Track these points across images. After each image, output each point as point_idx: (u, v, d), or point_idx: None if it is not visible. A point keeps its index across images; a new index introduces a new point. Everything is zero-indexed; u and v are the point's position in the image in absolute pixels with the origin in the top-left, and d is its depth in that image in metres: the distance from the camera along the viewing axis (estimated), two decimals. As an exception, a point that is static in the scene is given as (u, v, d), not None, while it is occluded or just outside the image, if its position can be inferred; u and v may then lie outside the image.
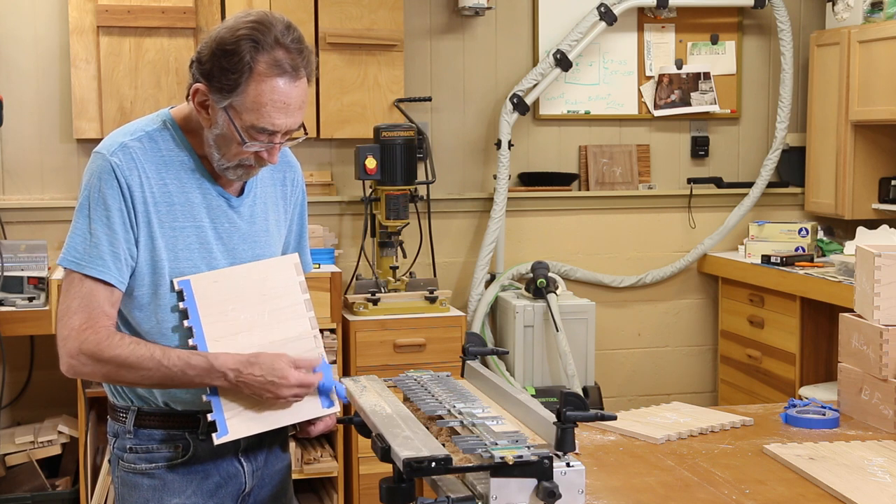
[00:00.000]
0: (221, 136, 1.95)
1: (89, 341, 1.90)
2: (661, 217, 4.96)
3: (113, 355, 1.90)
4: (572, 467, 1.69)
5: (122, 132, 2.00)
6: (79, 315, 1.91)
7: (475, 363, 2.28)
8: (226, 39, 1.89)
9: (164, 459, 2.02)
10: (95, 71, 4.19)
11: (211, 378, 1.92)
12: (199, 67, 1.93)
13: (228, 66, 1.88)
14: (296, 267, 2.11)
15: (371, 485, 3.95)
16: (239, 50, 1.88)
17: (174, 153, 1.99)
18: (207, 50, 1.91)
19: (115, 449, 2.05)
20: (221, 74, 1.89)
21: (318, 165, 4.55)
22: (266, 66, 1.88)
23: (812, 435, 2.32)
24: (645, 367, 5.01)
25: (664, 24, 4.92)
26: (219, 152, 1.97)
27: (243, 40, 1.88)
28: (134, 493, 2.03)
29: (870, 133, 4.57)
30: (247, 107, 1.90)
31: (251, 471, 2.10)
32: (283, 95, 1.90)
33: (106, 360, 1.91)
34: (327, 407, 2.05)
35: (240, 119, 1.91)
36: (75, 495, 3.85)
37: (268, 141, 1.94)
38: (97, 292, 1.92)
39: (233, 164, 1.97)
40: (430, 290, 4.16)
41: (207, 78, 1.91)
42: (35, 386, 4.27)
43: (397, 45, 4.44)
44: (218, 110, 1.92)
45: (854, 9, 4.59)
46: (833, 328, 4.03)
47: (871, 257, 2.41)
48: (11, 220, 4.21)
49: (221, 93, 1.90)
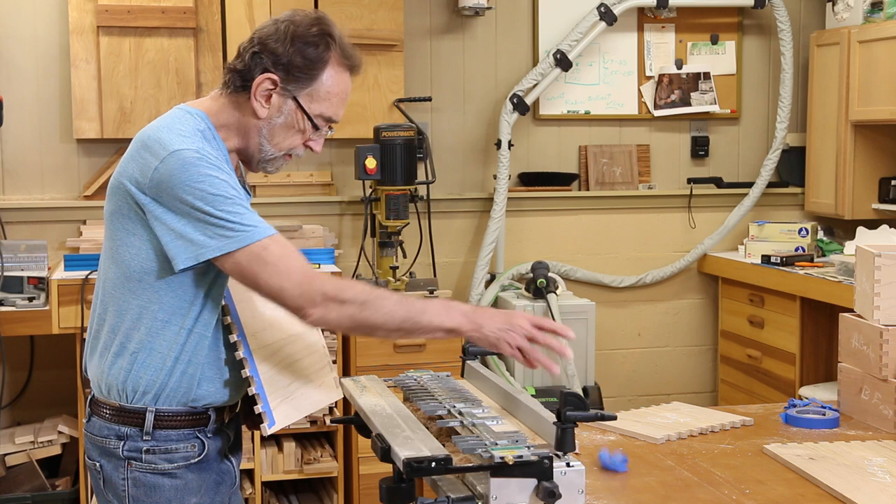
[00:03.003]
0: (283, 126, 2.02)
1: (326, 284, 1.89)
2: (661, 217, 4.96)
3: (353, 294, 1.89)
4: (572, 467, 1.69)
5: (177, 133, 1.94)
6: (301, 268, 1.89)
7: (475, 363, 2.28)
8: (306, 32, 1.99)
9: (184, 459, 2.02)
10: (95, 71, 4.19)
11: (449, 314, 1.91)
12: (271, 57, 1.98)
13: (312, 56, 1.98)
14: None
15: (371, 485, 3.95)
16: (322, 41, 1.99)
17: (220, 150, 2.00)
18: (284, 40, 1.98)
19: (123, 451, 2.01)
20: (302, 64, 1.98)
21: (318, 165, 4.56)
22: (340, 58, 2.02)
23: (812, 435, 2.32)
24: (645, 367, 5.01)
25: (664, 24, 4.92)
26: (271, 142, 2.03)
27: (323, 35, 2.00)
28: (154, 493, 2.01)
29: (870, 133, 4.57)
30: (321, 96, 2.01)
31: (237, 466, 2.16)
32: (348, 87, 2.06)
33: (349, 301, 1.89)
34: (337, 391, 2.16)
35: (310, 108, 2.01)
36: (75, 495, 3.85)
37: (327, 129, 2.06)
38: (291, 245, 1.94)
39: (280, 154, 2.05)
40: (430, 290, 4.16)
41: (285, 67, 1.98)
42: (35, 386, 4.27)
43: (397, 45, 4.44)
44: (286, 99, 1.99)
45: (854, 9, 4.59)
46: (833, 328, 4.03)
47: (871, 257, 2.41)
48: (11, 220, 4.21)
49: (299, 82, 1.99)
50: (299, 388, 2.09)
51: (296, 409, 2.07)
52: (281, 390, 2.05)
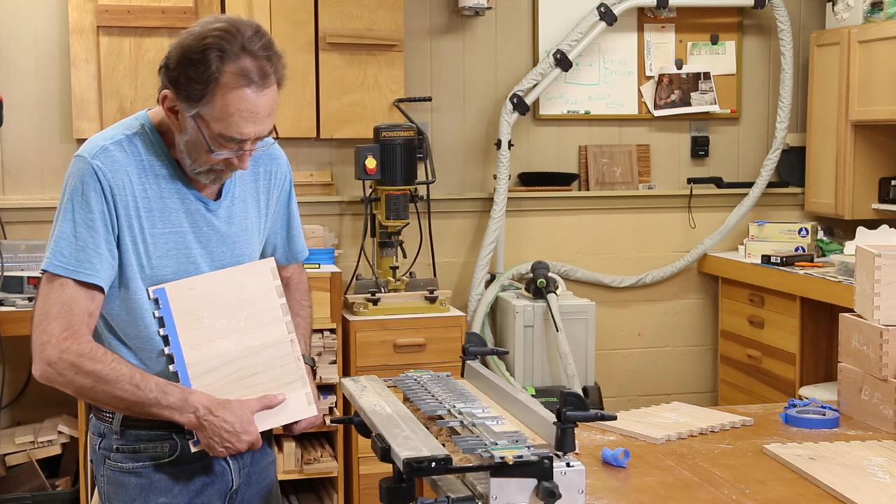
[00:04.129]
0: (191, 143, 1.93)
1: (71, 350, 1.88)
2: (661, 217, 4.96)
3: (94, 369, 1.88)
4: (572, 467, 1.69)
5: (102, 136, 1.99)
6: (59, 321, 1.88)
7: (475, 363, 2.28)
8: (192, 48, 1.86)
9: (151, 459, 2.02)
10: (95, 71, 4.19)
11: (182, 413, 1.93)
12: (166, 74, 1.89)
13: (195, 76, 1.85)
14: (272, 271, 2.10)
15: (371, 485, 3.95)
16: (205, 59, 1.84)
17: (152, 158, 1.97)
18: (175, 57, 1.88)
19: (100, 449, 2.06)
20: (188, 83, 1.86)
21: (318, 165, 4.56)
22: (232, 76, 1.85)
23: (812, 435, 2.32)
24: (645, 367, 5.01)
25: (664, 24, 4.92)
26: (189, 158, 1.95)
27: (209, 49, 1.84)
28: (121, 491, 2.03)
29: (870, 133, 4.57)
30: (215, 116, 1.87)
31: (238, 469, 2.10)
32: (251, 105, 1.87)
33: (86, 373, 1.88)
34: (309, 408, 2.06)
35: (208, 128, 1.89)
36: (75, 495, 3.85)
37: (237, 148, 1.93)
38: (78, 299, 1.89)
39: (204, 170, 1.96)
40: (430, 290, 4.16)
41: (175, 85, 1.88)
42: (35, 386, 4.26)
43: (397, 45, 4.44)
44: (186, 118, 1.90)
45: (854, 9, 4.59)
46: (833, 328, 4.03)
47: (871, 257, 2.41)
48: (11, 220, 4.21)
49: (189, 101, 1.88)
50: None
51: None
52: None
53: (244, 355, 2.01)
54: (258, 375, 2.03)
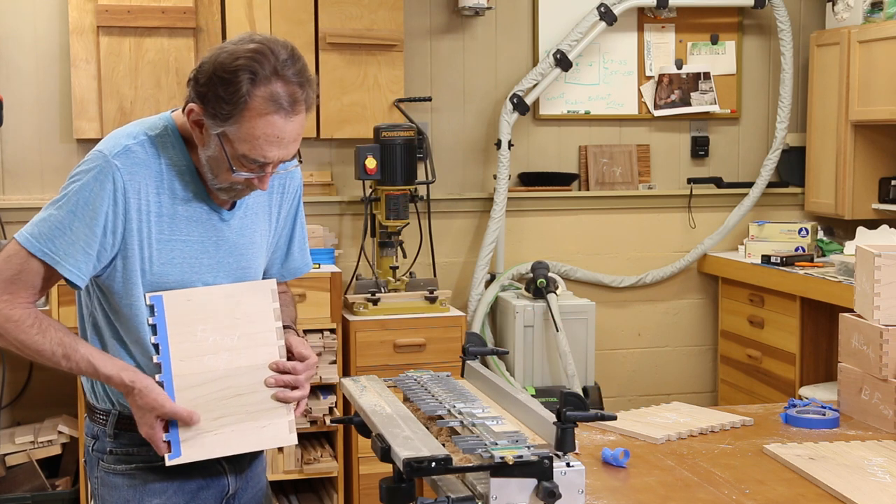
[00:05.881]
0: (213, 158, 1.90)
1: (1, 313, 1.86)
2: (661, 217, 4.96)
3: (15, 338, 1.87)
4: (572, 467, 1.69)
5: (125, 134, 1.95)
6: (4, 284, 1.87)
7: (475, 363, 2.28)
8: (224, 66, 1.82)
9: (144, 461, 2.00)
10: (95, 71, 4.19)
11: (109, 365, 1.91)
12: (195, 88, 1.86)
13: (224, 96, 1.82)
14: (272, 293, 2.04)
15: (371, 485, 3.95)
16: (235, 80, 1.81)
17: (172, 163, 1.95)
18: (206, 73, 1.85)
19: (93, 450, 2.04)
20: (216, 102, 1.83)
21: (318, 165, 4.56)
22: (262, 100, 1.82)
23: (812, 435, 2.32)
24: (645, 367, 5.01)
25: (664, 24, 4.92)
26: (211, 173, 1.93)
27: (241, 70, 1.81)
28: (114, 493, 2.02)
29: (870, 133, 4.57)
30: (240, 137, 1.84)
31: (235, 473, 2.09)
32: (277, 130, 1.84)
33: (9, 340, 1.88)
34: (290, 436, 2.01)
35: (231, 147, 1.86)
36: (75, 495, 3.85)
37: (259, 170, 1.90)
38: (35, 275, 1.88)
39: (224, 186, 1.93)
40: (430, 290, 4.16)
41: (202, 100, 1.85)
42: (35, 386, 4.27)
43: (397, 45, 4.44)
44: (211, 134, 1.87)
45: (854, 9, 4.59)
46: (833, 328, 4.03)
47: (871, 257, 2.41)
48: (11, 220, 4.21)
49: (215, 119, 1.84)
50: (233, 423, 1.96)
51: (222, 444, 1.96)
52: (204, 423, 1.93)
53: (231, 374, 1.96)
54: (242, 397, 1.98)
